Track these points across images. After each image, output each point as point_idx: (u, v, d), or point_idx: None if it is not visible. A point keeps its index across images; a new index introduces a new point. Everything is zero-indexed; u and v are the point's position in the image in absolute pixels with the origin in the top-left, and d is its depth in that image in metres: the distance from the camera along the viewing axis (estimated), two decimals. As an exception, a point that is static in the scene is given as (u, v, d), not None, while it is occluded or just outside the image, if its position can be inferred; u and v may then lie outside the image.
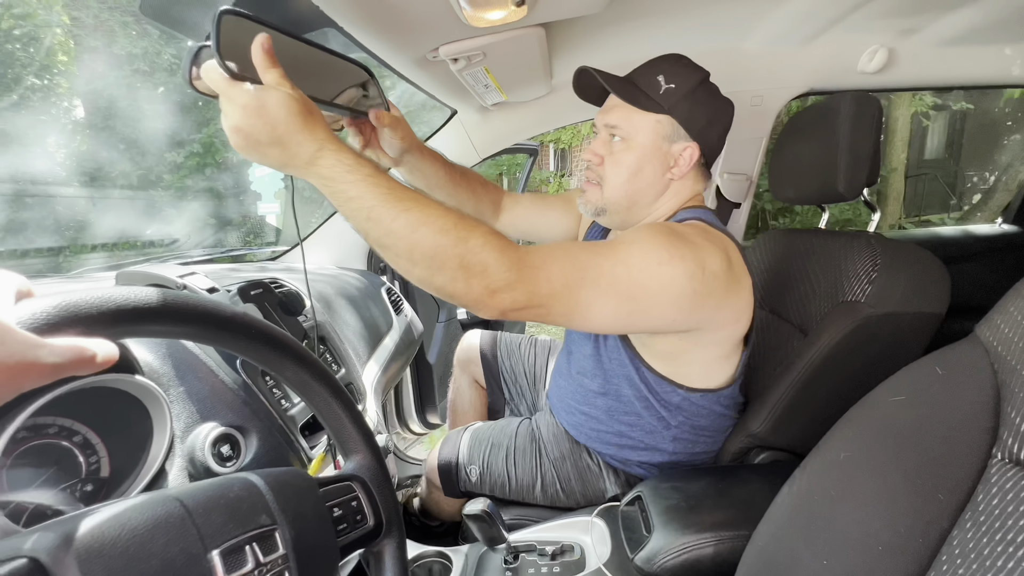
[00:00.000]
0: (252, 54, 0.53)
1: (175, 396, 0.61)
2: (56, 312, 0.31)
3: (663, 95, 0.80)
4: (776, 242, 1.21)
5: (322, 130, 0.56)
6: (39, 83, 3.59)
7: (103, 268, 1.15)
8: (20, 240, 1.12)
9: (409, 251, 0.57)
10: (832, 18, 1.10)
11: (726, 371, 0.88)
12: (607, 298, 0.65)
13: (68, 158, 1.74)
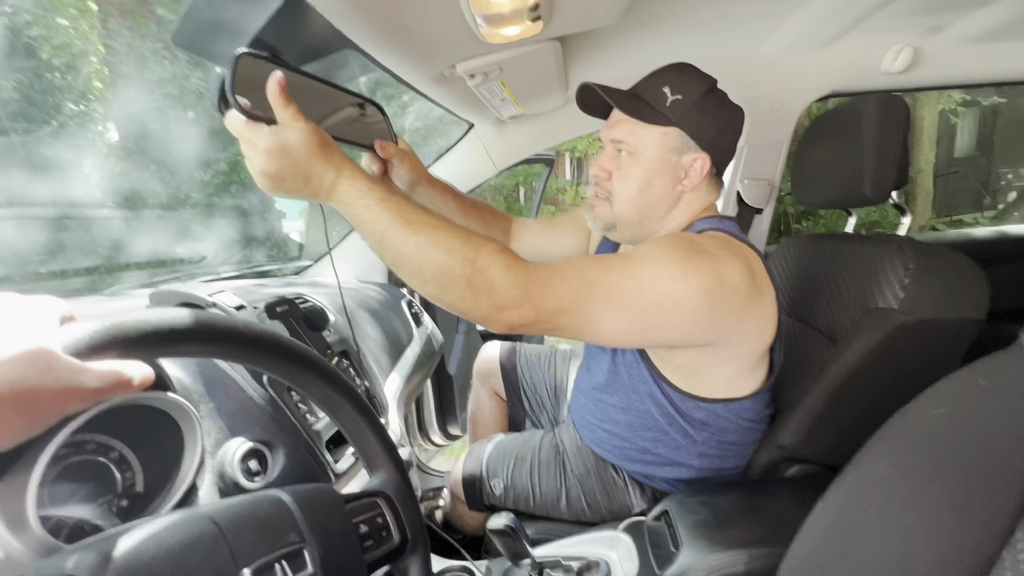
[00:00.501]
0: (268, 93, 0.55)
1: (205, 412, 0.62)
2: (97, 336, 0.32)
3: (670, 107, 0.78)
4: (801, 248, 1.18)
5: (338, 157, 0.59)
6: (76, 109, 3.78)
7: (137, 286, 1.19)
8: (60, 261, 1.18)
9: (419, 271, 0.60)
10: (853, 20, 1.08)
11: (751, 384, 0.86)
12: (617, 314, 0.64)
13: (103, 180, 1.84)
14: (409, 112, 1.64)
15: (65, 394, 0.27)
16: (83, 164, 1.77)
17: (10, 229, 1.01)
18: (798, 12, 1.07)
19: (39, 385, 0.26)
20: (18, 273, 0.94)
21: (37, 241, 1.10)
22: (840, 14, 1.06)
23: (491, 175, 1.52)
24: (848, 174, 1.00)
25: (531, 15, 0.72)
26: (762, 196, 1.46)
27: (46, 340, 0.27)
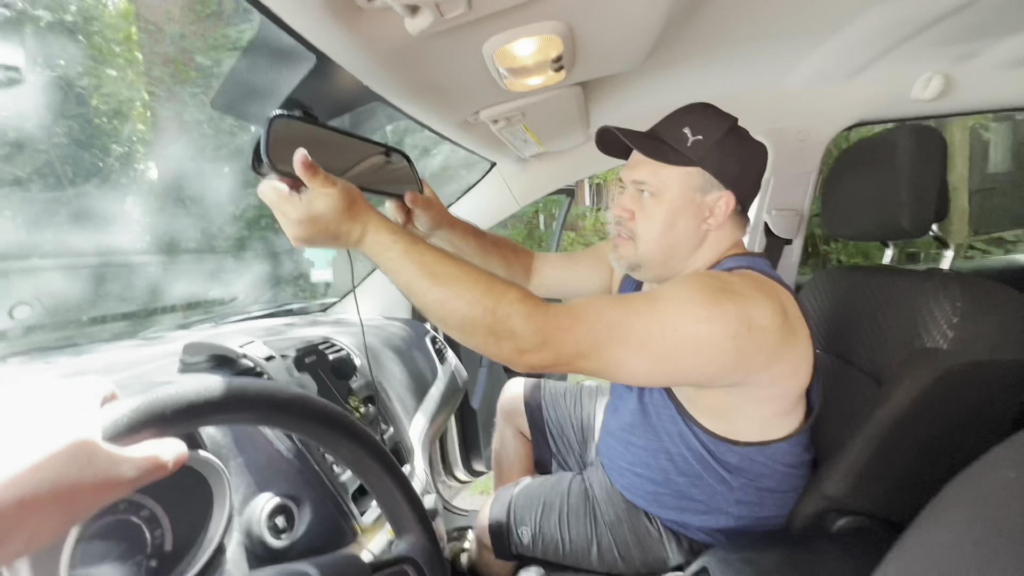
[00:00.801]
0: (295, 167, 0.58)
1: (234, 468, 0.62)
2: (137, 417, 0.32)
3: (691, 147, 0.78)
4: (837, 280, 1.14)
5: (364, 213, 0.62)
6: (121, 151, 4.02)
7: (173, 327, 1.23)
8: (101, 307, 1.25)
9: (443, 320, 0.63)
10: (878, 52, 1.07)
11: (786, 426, 0.82)
12: (638, 357, 0.64)
13: (143, 225, 1.94)
14: (435, 155, 1.69)
15: (104, 487, 0.27)
16: (125, 209, 1.88)
17: (56, 278, 1.07)
18: (821, 48, 1.07)
19: (80, 480, 0.26)
20: (62, 321, 0.98)
21: (80, 289, 1.16)
22: (865, 48, 1.05)
23: (513, 211, 1.53)
24: (883, 207, 0.97)
25: (554, 66, 0.73)
26: (791, 227, 1.43)
27: (87, 431, 0.27)
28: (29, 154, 3.11)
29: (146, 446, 0.31)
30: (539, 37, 0.64)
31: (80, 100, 4.57)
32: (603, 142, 0.88)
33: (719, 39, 0.99)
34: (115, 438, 0.30)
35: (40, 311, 0.91)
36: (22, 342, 0.91)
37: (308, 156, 0.57)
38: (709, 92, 1.23)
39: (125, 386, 0.69)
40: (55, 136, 3.48)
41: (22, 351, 0.90)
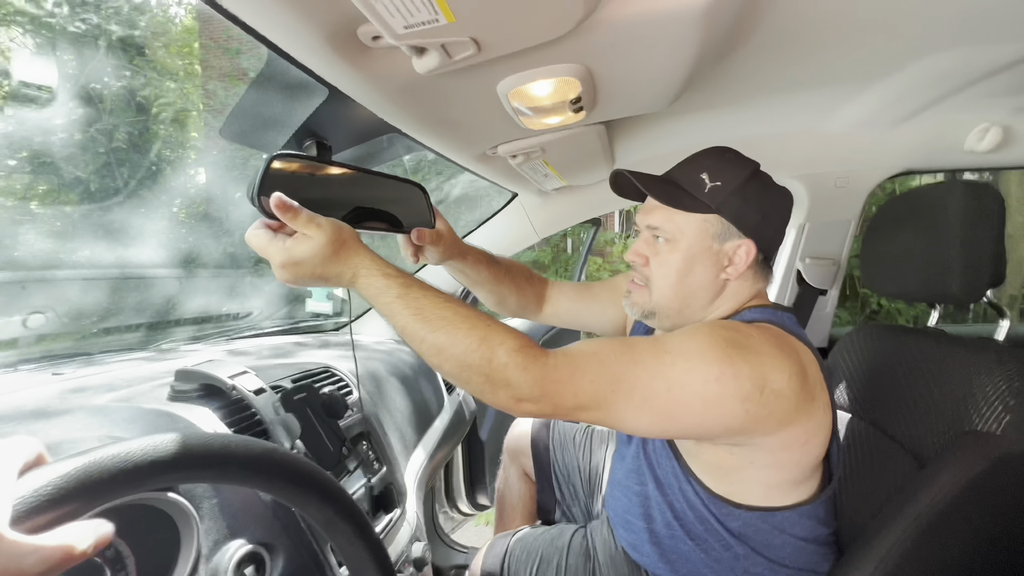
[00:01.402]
0: (272, 210, 0.57)
1: (207, 510, 0.59)
2: (58, 489, 0.29)
3: (708, 193, 0.74)
4: (877, 340, 1.05)
5: (355, 256, 0.61)
6: (172, 155, 4.22)
7: (186, 340, 1.23)
8: (116, 319, 1.28)
9: (439, 366, 0.61)
10: (930, 100, 1.00)
11: (795, 495, 0.74)
12: (640, 413, 0.61)
13: (167, 236, 2.00)
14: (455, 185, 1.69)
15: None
16: (151, 222, 1.95)
17: (75, 289, 1.09)
18: (865, 94, 1.01)
19: None
20: (75, 331, 1.00)
21: (98, 300, 1.18)
22: (914, 95, 0.98)
23: (532, 242, 1.50)
24: (931, 266, 0.89)
25: (573, 107, 0.70)
26: (826, 277, 1.34)
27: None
28: (92, 155, 3.29)
29: (61, 532, 0.28)
30: (555, 79, 0.61)
31: (141, 108, 4.87)
32: (618, 184, 0.85)
33: (753, 84, 0.94)
34: (31, 519, 0.27)
35: (55, 321, 0.93)
36: (33, 350, 0.92)
37: (286, 198, 0.56)
38: (741, 133, 1.18)
39: (111, 410, 0.67)
40: (115, 140, 3.68)
41: (32, 359, 0.91)
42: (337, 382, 0.94)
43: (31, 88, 1.03)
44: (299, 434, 0.69)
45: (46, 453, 0.31)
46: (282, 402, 0.70)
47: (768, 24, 0.69)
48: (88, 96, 3.63)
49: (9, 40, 4.12)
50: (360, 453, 0.83)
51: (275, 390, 0.75)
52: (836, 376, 1.11)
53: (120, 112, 4.14)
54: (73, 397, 0.74)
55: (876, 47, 0.80)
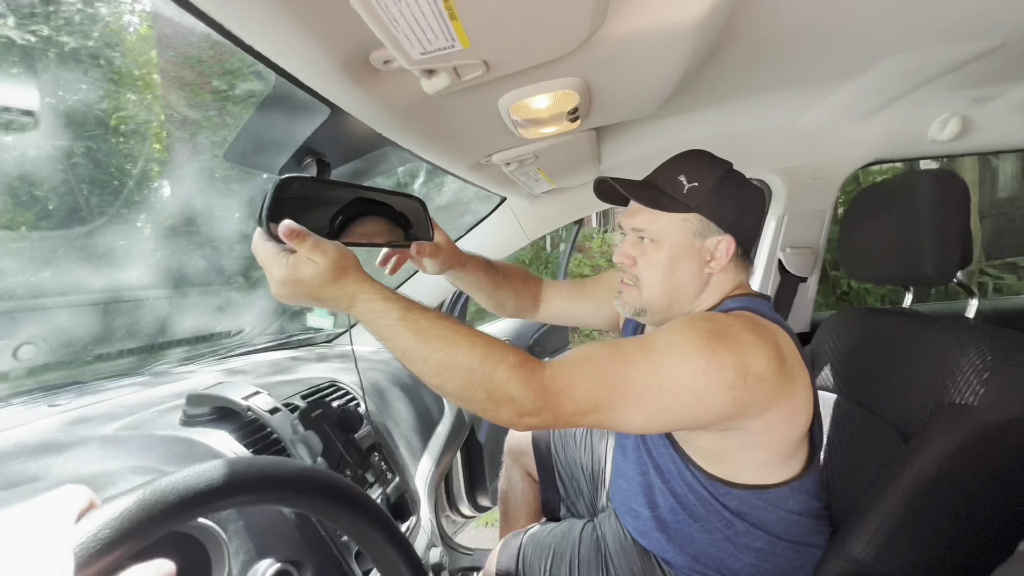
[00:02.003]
0: (281, 236, 0.57)
1: (234, 531, 0.60)
2: (116, 530, 0.30)
3: (687, 194, 0.79)
4: (857, 322, 1.11)
5: (352, 282, 0.62)
6: (135, 171, 4.08)
7: (179, 363, 1.21)
8: (108, 345, 1.24)
9: (440, 387, 0.63)
10: (896, 95, 1.06)
11: (785, 471, 0.79)
12: (637, 410, 0.64)
13: (151, 256, 1.94)
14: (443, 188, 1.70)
15: None
16: (133, 242, 1.89)
17: (63, 316, 1.06)
18: (836, 91, 1.06)
19: None
20: (68, 360, 0.97)
21: (87, 326, 1.15)
22: (881, 91, 1.04)
23: (522, 245, 1.52)
24: (905, 252, 0.95)
25: (569, 116, 0.73)
26: (806, 265, 1.40)
27: (59, 570, 0.25)
28: (50, 174, 3.15)
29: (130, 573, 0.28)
30: (555, 92, 0.63)
31: (99, 121, 4.68)
32: (602, 191, 0.88)
33: (734, 86, 0.98)
34: (92, 563, 0.28)
35: (46, 350, 0.90)
36: (26, 382, 0.89)
37: (295, 225, 0.57)
38: (722, 131, 1.23)
39: (123, 440, 0.67)
40: (74, 157, 3.54)
41: (26, 391, 0.89)
42: (344, 395, 0.94)
43: (12, 114, 0.99)
44: (320, 451, 0.69)
45: (96, 498, 0.32)
46: (300, 420, 0.70)
47: (749, 31, 0.73)
48: (56, 113, 3.47)
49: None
50: (374, 464, 0.83)
51: (288, 408, 0.75)
52: (820, 359, 1.17)
53: (86, 127, 3.98)
54: (77, 428, 0.73)
55: (846, 49, 0.85)
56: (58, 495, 0.29)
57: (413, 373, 0.63)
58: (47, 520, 0.27)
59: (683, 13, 0.51)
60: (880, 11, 0.72)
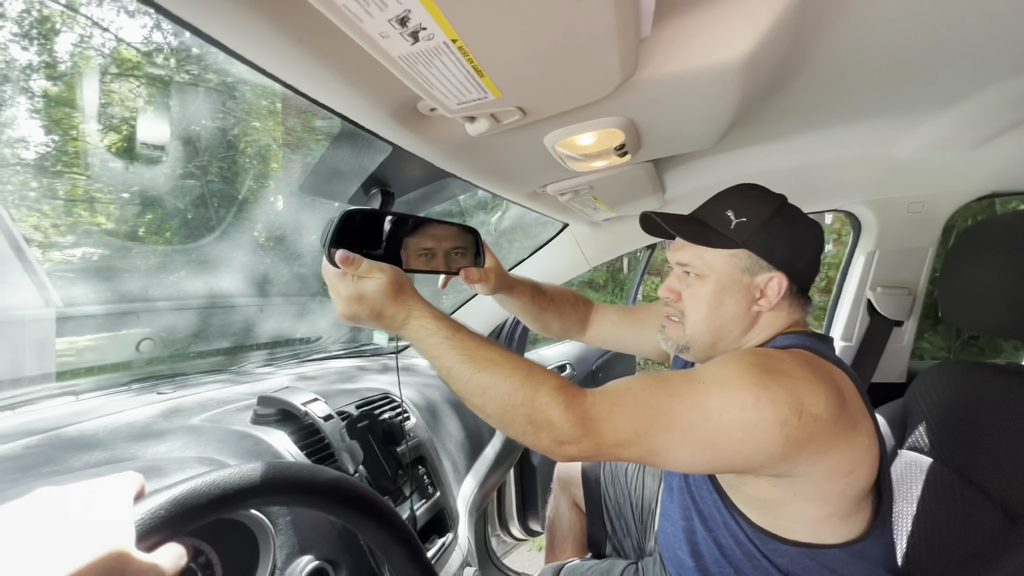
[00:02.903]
0: (337, 262, 0.63)
1: (282, 526, 0.66)
2: (171, 512, 0.35)
3: (734, 230, 0.75)
4: (961, 377, 0.96)
5: (409, 299, 0.66)
6: (256, 187, 4.66)
7: (262, 363, 1.36)
8: (205, 344, 1.45)
9: (482, 407, 0.63)
10: (1011, 123, 0.93)
11: (846, 531, 0.70)
12: (681, 445, 0.61)
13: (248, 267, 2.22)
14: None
15: None
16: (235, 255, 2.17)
17: (173, 318, 1.26)
18: (935, 119, 0.95)
19: None
20: (175, 354, 1.14)
21: (191, 327, 1.35)
22: (994, 117, 0.92)
23: (584, 270, 1.52)
24: (1016, 299, 0.82)
25: (618, 152, 0.73)
26: (902, 307, 1.25)
27: (122, 541, 0.30)
28: (190, 188, 3.72)
29: (165, 551, 0.34)
30: (599, 131, 0.64)
31: (231, 145, 5.46)
32: (647, 225, 0.86)
33: (805, 117, 0.93)
34: (147, 537, 0.33)
35: (160, 345, 1.07)
36: (143, 371, 1.06)
37: (348, 253, 0.63)
38: (800, 160, 1.15)
39: (204, 431, 0.77)
40: (210, 174, 4.15)
41: (142, 378, 1.05)
42: (395, 407, 1.00)
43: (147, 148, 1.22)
44: (362, 460, 0.75)
45: (146, 484, 0.38)
46: (347, 429, 0.76)
47: (815, 62, 0.69)
48: (188, 137, 4.09)
49: (128, 91, 4.78)
50: (416, 478, 0.88)
51: (341, 416, 0.82)
52: (915, 416, 1.03)
53: (213, 150, 4.63)
54: (173, 417, 0.85)
55: (938, 77, 0.77)
56: (120, 479, 0.35)
57: (457, 393, 0.65)
58: (112, 498, 0.33)
59: (724, 54, 0.50)
60: (975, 37, 0.65)
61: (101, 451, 0.69)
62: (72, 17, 4.78)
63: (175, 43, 4.89)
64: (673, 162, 1.11)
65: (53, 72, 4.66)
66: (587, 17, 0.36)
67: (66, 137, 4.36)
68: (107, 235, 3.36)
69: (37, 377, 1.18)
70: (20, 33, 4.48)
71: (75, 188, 4.03)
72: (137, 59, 4.93)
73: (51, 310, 1.34)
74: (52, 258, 2.91)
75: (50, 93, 4.54)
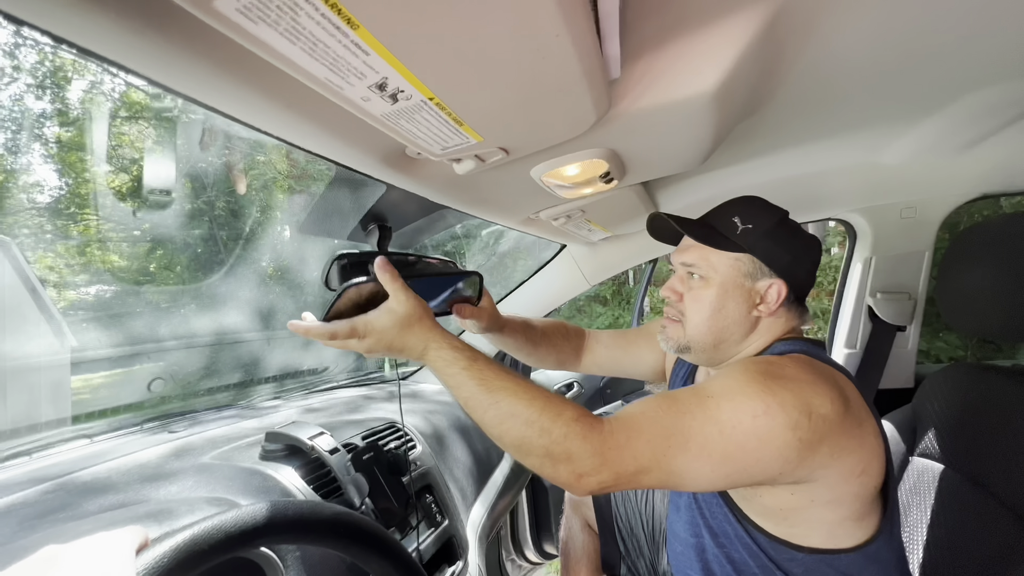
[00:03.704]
0: (376, 271, 0.65)
1: (291, 562, 0.67)
2: (171, 561, 0.37)
3: (740, 235, 0.77)
4: (970, 380, 0.96)
5: (426, 331, 0.67)
6: (260, 217, 4.74)
7: (271, 396, 1.38)
8: (218, 379, 1.49)
9: (500, 437, 0.64)
10: (999, 124, 0.94)
11: (858, 534, 0.70)
12: (700, 462, 0.61)
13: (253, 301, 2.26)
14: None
15: None
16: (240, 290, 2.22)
17: (183, 356, 1.29)
18: (920, 125, 0.97)
19: None
20: (185, 392, 1.17)
21: (201, 364, 1.38)
22: (979, 121, 0.93)
23: (583, 290, 1.53)
24: (1015, 300, 0.83)
25: (603, 179, 0.75)
26: (903, 312, 1.25)
27: None
28: (198, 222, 3.79)
29: None
30: (583, 162, 0.66)
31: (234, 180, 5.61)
32: (654, 228, 0.89)
33: (791, 132, 0.95)
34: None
35: (171, 384, 1.09)
36: (155, 410, 1.08)
37: (387, 261, 0.64)
38: (791, 173, 1.17)
39: (214, 469, 0.78)
40: (216, 208, 4.24)
41: (153, 418, 1.08)
42: (401, 436, 1.01)
43: (155, 193, 1.28)
44: (367, 492, 0.76)
45: (149, 537, 0.39)
46: (352, 462, 0.78)
47: (792, 83, 0.71)
48: (194, 173, 4.19)
49: (137, 133, 4.93)
50: (424, 507, 0.88)
51: (347, 448, 0.83)
52: (924, 421, 1.02)
53: (219, 185, 4.74)
54: (184, 456, 0.87)
55: (918, 87, 0.79)
56: (121, 533, 0.37)
57: (475, 422, 0.65)
58: (113, 554, 0.35)
59: (695, 87, 0.52)
60: (949, 48, 0.67)
61: (114, 495, 0.71)
62: (83, 65, 4.96)
63: (181, 85, 5.04)
64: (663, 182, 1.13)
65: (66, 119, 4.82)
66: (553, 69, 0.38)
67: (78, 180, 4.48)
68: (118, 273, 3.44)
69: (53, 421, 1.21)
70: (35, 84, 4.65)
71: (87, 228, 4.13)
72: (145, 101, 5.09)
73: (66, 354, 1.38)
74: (66, 297, 2.98)
75: (63, 138, 4.70)
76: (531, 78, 0.39)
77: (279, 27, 0.28)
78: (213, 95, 0.40)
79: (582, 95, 0.45)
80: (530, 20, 0.32)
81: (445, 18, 0.30)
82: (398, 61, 0.32)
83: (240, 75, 0.37)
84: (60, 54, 4.63)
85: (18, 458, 0.85)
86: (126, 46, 0.33)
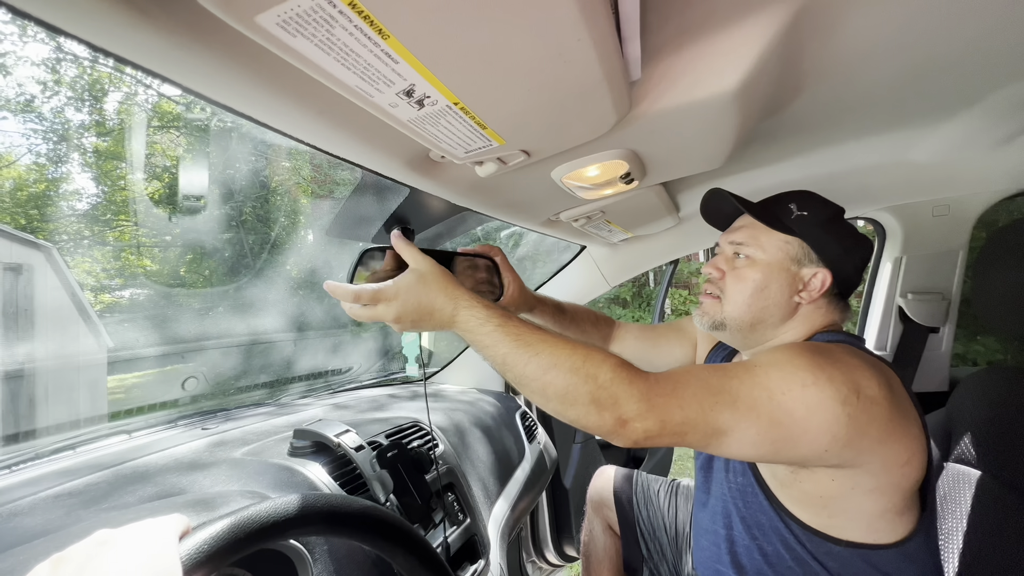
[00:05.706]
0: (393, 243, 0.67)
1: (319, 555, 0.69)
2: (213, 546, 0.39)
3: (794, 220, 0.77)
4: (1007, 384, 0.92)
5: (455, 288, 0.65)
6: (286, 222, 4.88)
7: (299, 396, 1.42)
8: (250, 378, 1.54)
9: (543, 390, 0.61)
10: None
11: (899, 529, 0.68)
12: (747, 423, 0.59)
13: (283, 304, 2.32)
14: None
15: None
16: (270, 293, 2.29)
17: (216, 356, 1.33)
18: (950, 122, 0.94)
19: None
20: (218, 390, 1.21)
21: (233, 364, 1.43)
22: (1007, 118, 0.90)
23: (604, 291, 1.53)
24: None
25: (624, 180, 0.76)
26: (936, 313, 1.21)
27: (170, 574, 0.34)
28: (227, 226, 3.93)
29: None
30: (603, 163, 0.67)
31: (263, 184, 5.78)
32: (707, 209, 0.88)
33: (818, 130, 0.93)
34: (194, 572, 0.37)
35: (204, 383, 1.13)
36: (189, 408, 1.13)
37: (401, 234, 0.65)
38: (814, 172, 1.14)
39: (246, 464, 0.81)
40: (245, 214, 4.38)
41: (188, 415, 1.12)
42: (424, 435, 1.03)
43: (189, 199, 1.34)
44: (392, 488, 0.78)
45: (190, 525, 0.41)
46: (377, 459, 0.79)
47: (816, 81, 0.70)
48: (225, 180, 4.32)
49: (170, 142, 5.13)
50: (446, 504, 0.89)
51: (372, 446, 0.85)
52: (959, 426, 0.99)
53: (248, 190, 4.87)
54: (216, 451, 0.90)
55: (949, 84, 0.77)
56: (167, 520, 0.39)
57: (513, 381, 0.63)
58: (160, 538, 0.37)
59: (716, 87, 0.52)
60: (982, 41, 0.65)
61: (153, 486, 0.74)
62: (119, 77, 5.18)
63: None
64: (685, 183, 1.12)
65: (102, 129, 5.03)
66: (575, 72, 0.39)
67: (114, 187, 4.68)
68: (152, 277, 3.58)
69: (91, 418, 1.27)
70: (75, 96, 4.87)
71: (123, 234, 4.31)
72: (177, 111, 5.29)
73: (103, 354, 1.44)
74: (103, 300, 3.10)
75: (100, 148, 4.90)
76: (553, 82, 0.40)
77: (315, 39, 0.30)
78: (249, 104, 0.42)
79: (603, 97, 0.45)
80: (553, 25, 0.32)
81: (471, 26, 0.31)
82: (425, 68, 0.34)
83: (276, 84, 0.39)
84: (97, 68, 4.84)
85: (64, 452, 0.90)
86: (174, 61, 0.35)
